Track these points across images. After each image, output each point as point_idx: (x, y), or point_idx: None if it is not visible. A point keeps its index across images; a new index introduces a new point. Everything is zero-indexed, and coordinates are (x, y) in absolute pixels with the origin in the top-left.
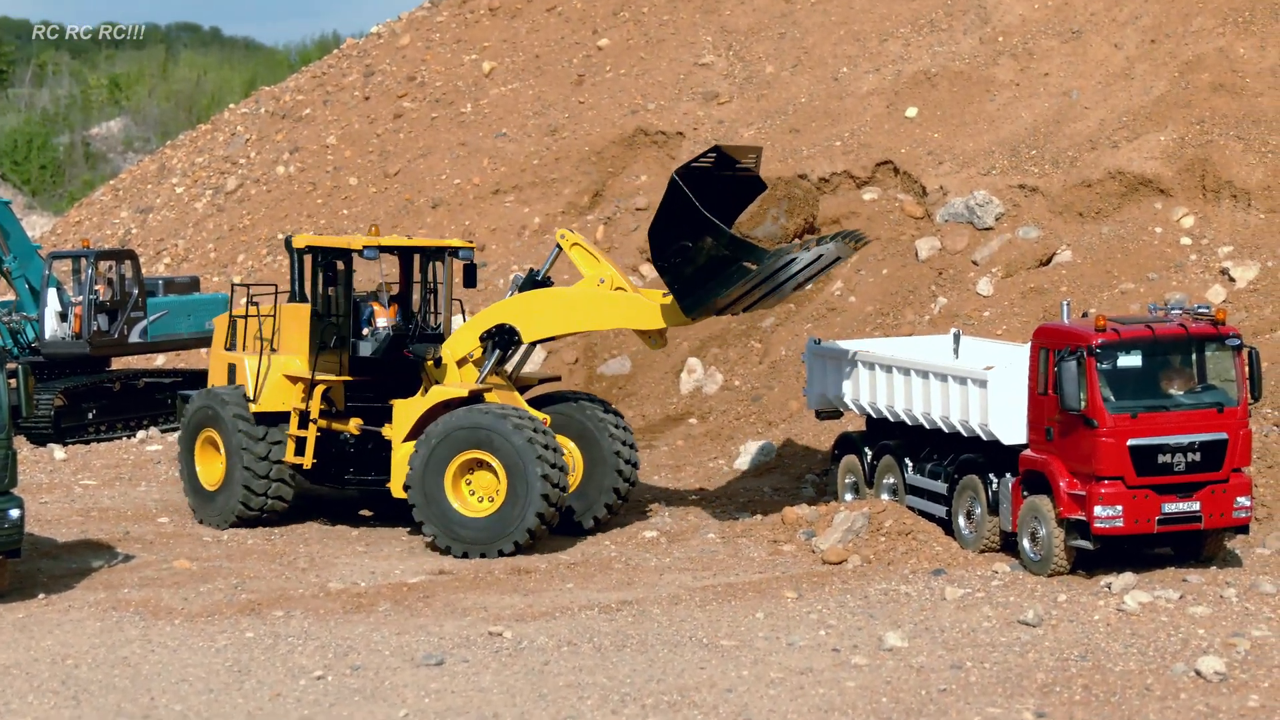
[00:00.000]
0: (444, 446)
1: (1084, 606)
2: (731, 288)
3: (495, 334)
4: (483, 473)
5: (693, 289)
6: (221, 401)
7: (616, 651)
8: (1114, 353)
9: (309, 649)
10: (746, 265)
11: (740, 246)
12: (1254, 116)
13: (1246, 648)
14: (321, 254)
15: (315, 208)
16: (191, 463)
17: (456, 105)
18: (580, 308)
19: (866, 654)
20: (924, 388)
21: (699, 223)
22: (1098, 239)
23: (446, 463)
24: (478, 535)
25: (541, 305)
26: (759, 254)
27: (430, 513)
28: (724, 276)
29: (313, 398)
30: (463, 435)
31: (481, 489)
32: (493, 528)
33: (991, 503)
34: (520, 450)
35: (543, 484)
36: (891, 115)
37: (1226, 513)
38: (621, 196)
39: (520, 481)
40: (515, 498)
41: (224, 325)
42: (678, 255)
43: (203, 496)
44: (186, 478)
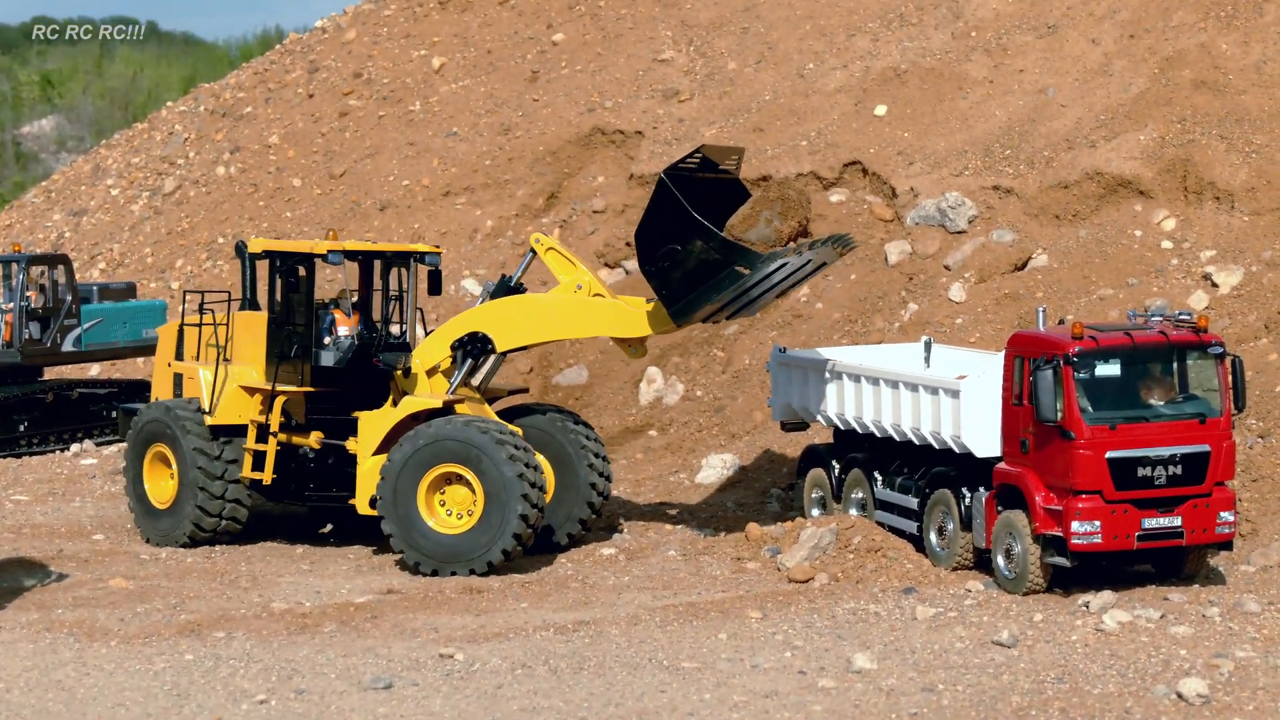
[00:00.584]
0: (418, 460)
1: (1061, 626)
2: (723, 292)
3: (467, 343)
4: (457, 487)
5: (681, 294)
6: (174, 415)
7: (573, 674)
8: (1092, 361)
9: (251, 672)
10: (739, 270)
11: (733, 250)
12: (1237, 115)
13: (1230, 669)
14: (280, 259)
15: (257, 210)
16: (140, 479)
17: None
18: (559, 315)
19: (834, 676)
20: (894, 398)
21: (689, 225)
22: (1075, 243)
23: (420, 477)
24: (450, 552)
25: (517, 313)
26: (752, 258)
27: (400, 528)
28: (716, 281)
29: (273, 410)
30: (439, 449)
31: (456, 504)
32: (466, 545)
33: (964, 518)
34: (501, 467)
35: (522, 504)
36: (860, 114)
37: (1209, 528)
38: (578, 198)
39: (498, 499)
40: (491, 516)
41: (169, 334)
42: (666, 259)
43: (153, 515)
44: (134, 495)
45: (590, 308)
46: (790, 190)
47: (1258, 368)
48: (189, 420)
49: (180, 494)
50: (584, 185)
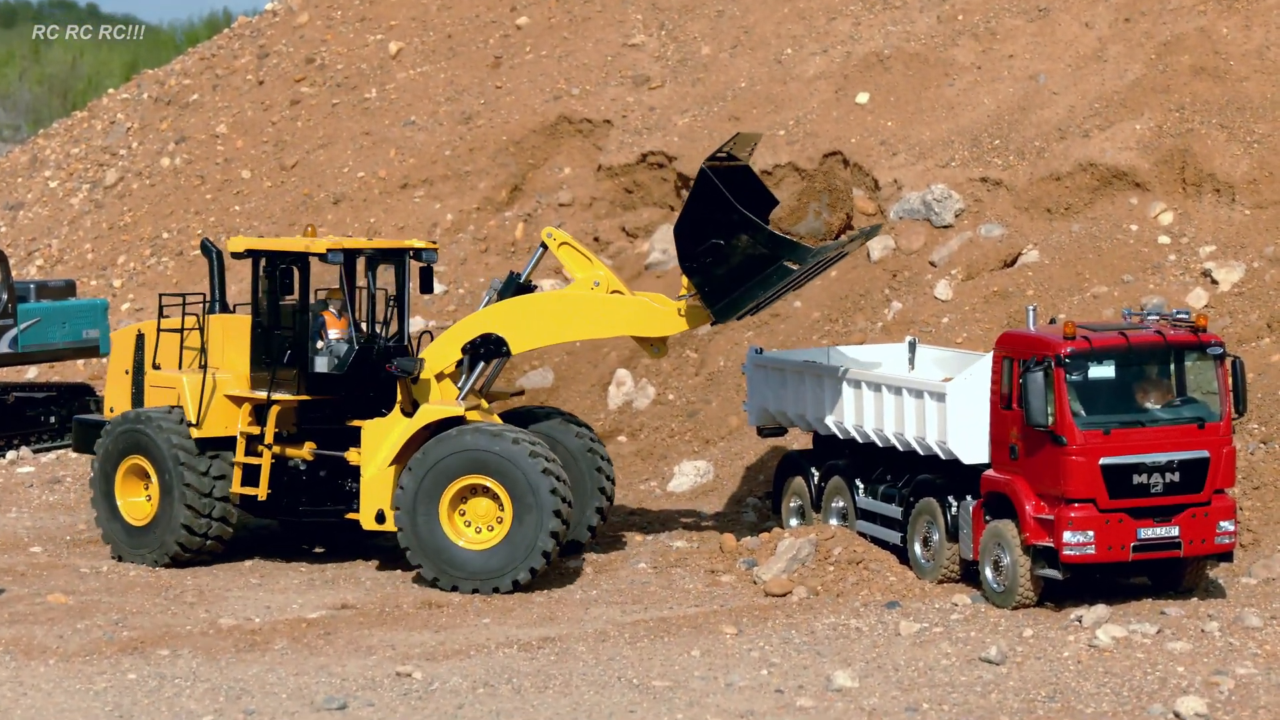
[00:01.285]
0: (438, 473)
1: (1052, 642)
2: (772, 289)
3: (479, 345)
4: (479, 500)
5: (726, 291)
6: (155, 424)
7: (538, 693)
8: (1084, 363)
9: (198, 692)
10: (787, 265)
11: (780, 244)
12: (1239, 103)
13: (1230, 687)
14: (269, 259)
15: (204, 203)
16: (112, 494)
17: (360, 90)
18: (578, 314)
19: (813, 695)
20: (876, 402)
21: (733, 218)
22: (1067, 237)
23: (443, 490)
24: (474, 569)
25: (533, 312)
26: (801, 252)
27: (423, 545)
28: (763, 278)
29: (268, 420)
30: (464, 460)
31: (478, 518)
32: (493, 562)
33: (950, 528)
34: (534, 480)
35: (554, 520)
36: (840, 101)
37: (1208, 538)
38: (543, 191)
39: (529, 506)
40: (521, 531)
41: (127, 339)
42: (708, 255)
43: (128, 533)
44: (105, 512)
45: (613, 305)
46: (836, 180)
47: (1259, 369)
48: (172, 430)
49: (162, 510)
50: (550, 177)
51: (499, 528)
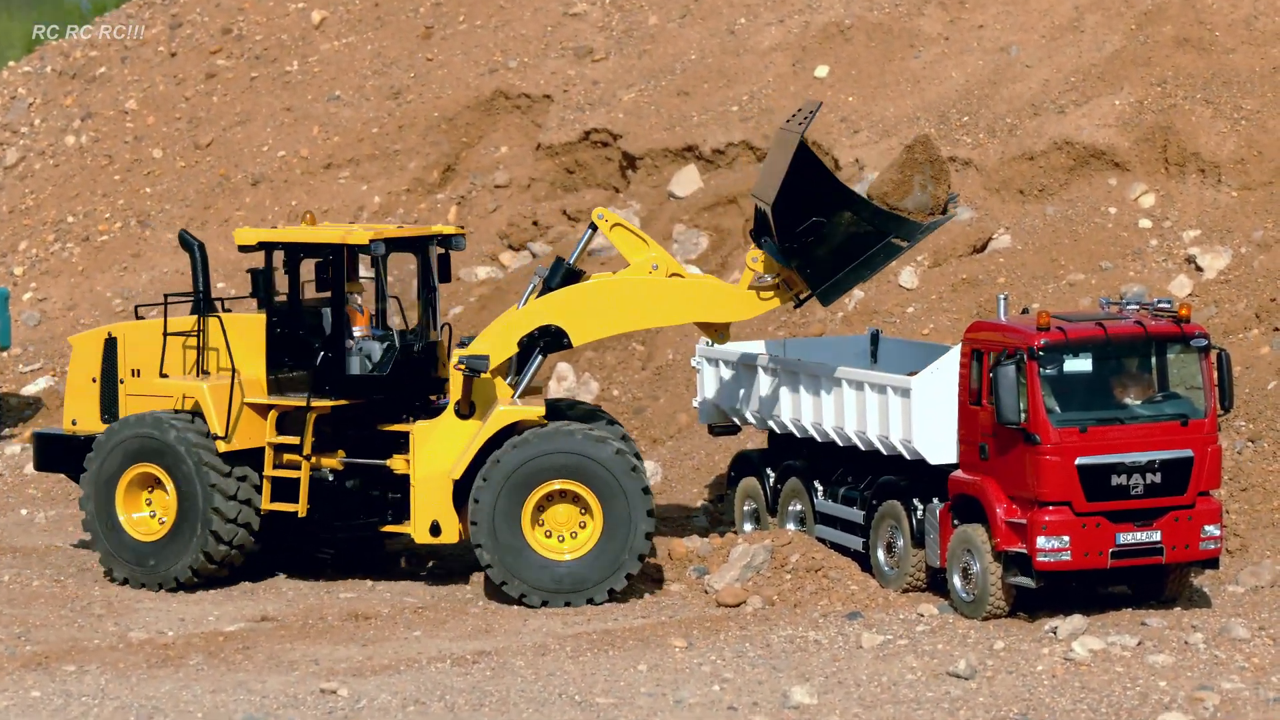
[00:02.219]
0: (519, 480)
1: (1025, 655)
2: (878, 268)
3: (538, 338)
4: (558, 507)
5: (829, 272)
6: (168, 427)
7: (472, 711)
8: (1059, 356)
9: (106, 711)
10: (895, 242)
11: (888, 220)
12: (1224, 76)
13: (1216, 703)
14: (292, 251)
15: (112, 185)
16: (113, 511)
17: (280, 63)
18: (645, 301)
19: (768, 712)
20: (836, 398)
21: (836, 194)
22: (1041, 221)
23: (524, 497)
24: (565, 581)
25: (595, 301)
26: (910, 228)
27: (506, 560)
28: (868, 257)
29: (306, 429)
30: (543, 464)
31: (558, 526)
32: (585, 571)
33: (916, 533)
34: (618, 474)
35: (647, 521)
36: (798, 75)
37: (1192, 544)
38: (478, 171)
39: (620, 509)
40: (613, 537)
41: (91, 344)
42: (809, 234)
43: (135, 552)
44: (105, 529)
45: (682, 290)
46: (933, 150)
47: (1247, 362)
48: (190, 432)
49: (180, 522)
50: (485, 156)
51: (583, 534)
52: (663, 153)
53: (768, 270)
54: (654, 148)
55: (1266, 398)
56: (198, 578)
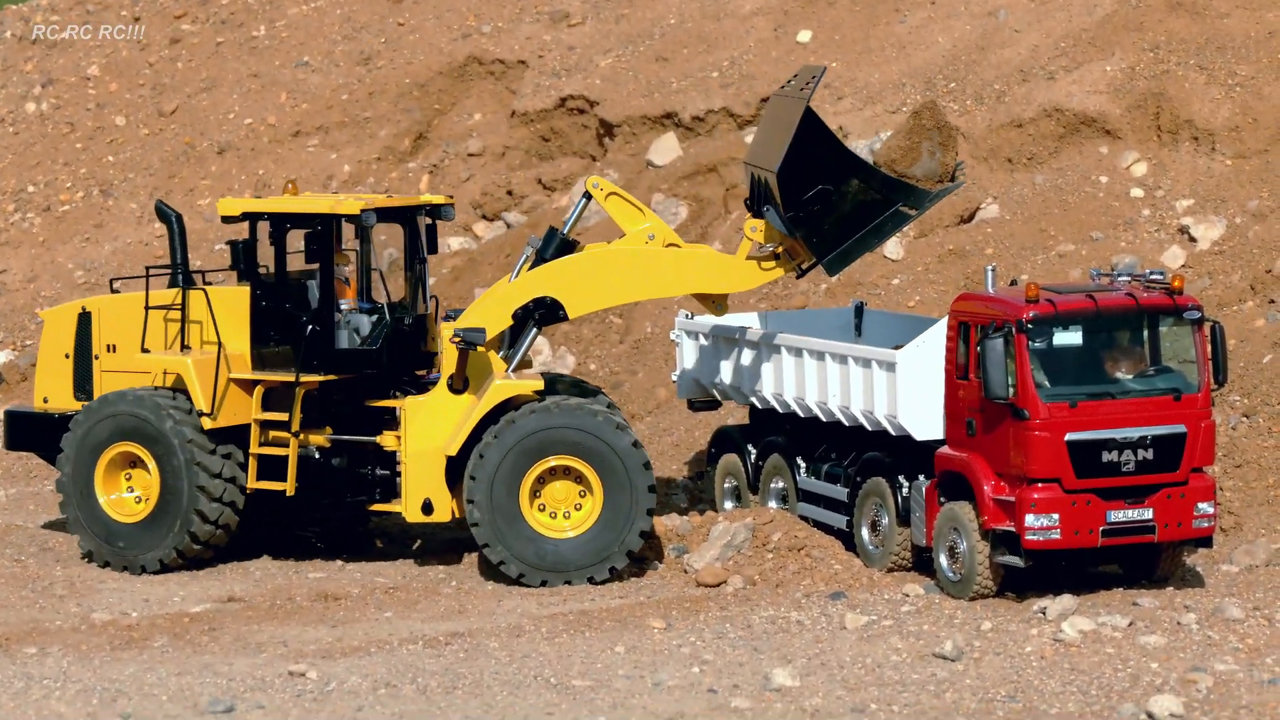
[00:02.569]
0: (517, 456)
1: (1013, 636)
2: (886, 237)
3: (533, 309)
4: (556, 484)
5: (836, 241)
6: (152, 404)
7: (445, 694)
8: (1048, 328)
9: (69, 693)
10: (904, 210)
11: (896, 188)
12: (1219, 41)
13: (1209, 685)
14: (278, 222)
15: (74, 154)
16: (93, 491)
17: (247, 28)
18: (645, 271)
19: (750, 695)
20: (819, 372)
21: (843, 161)
22: (1030, 190)
23: (523, 474)
24: (565, 559)
25: (592, 271)
26: (919, 195)
27: (505, 539)
28: (877, 225)
29: (294, 405)
30: (542, 440)
31: (556, 503)
32: (586, 549)
33: (901, 511)
34: (619, 449)
35: (648, 497)
36: (780, 40)
37: (1185, 522)
38: (450, 139)
39: (621, 485)
40: (617, 505)
41: (64, 319)
42: (816, 202)
43: (116, 533)
44: (84, 511)
45: (680, 261)
46: (941, 117)
47: (1242, 335)
48: (174, 409)
49: (164, 501)
50: (458, 124)
51: (582, 512)
52: (641, 120)
53: (768, 240)
54: (632, 115)
55: (1261, 371)
56: (182, 558)
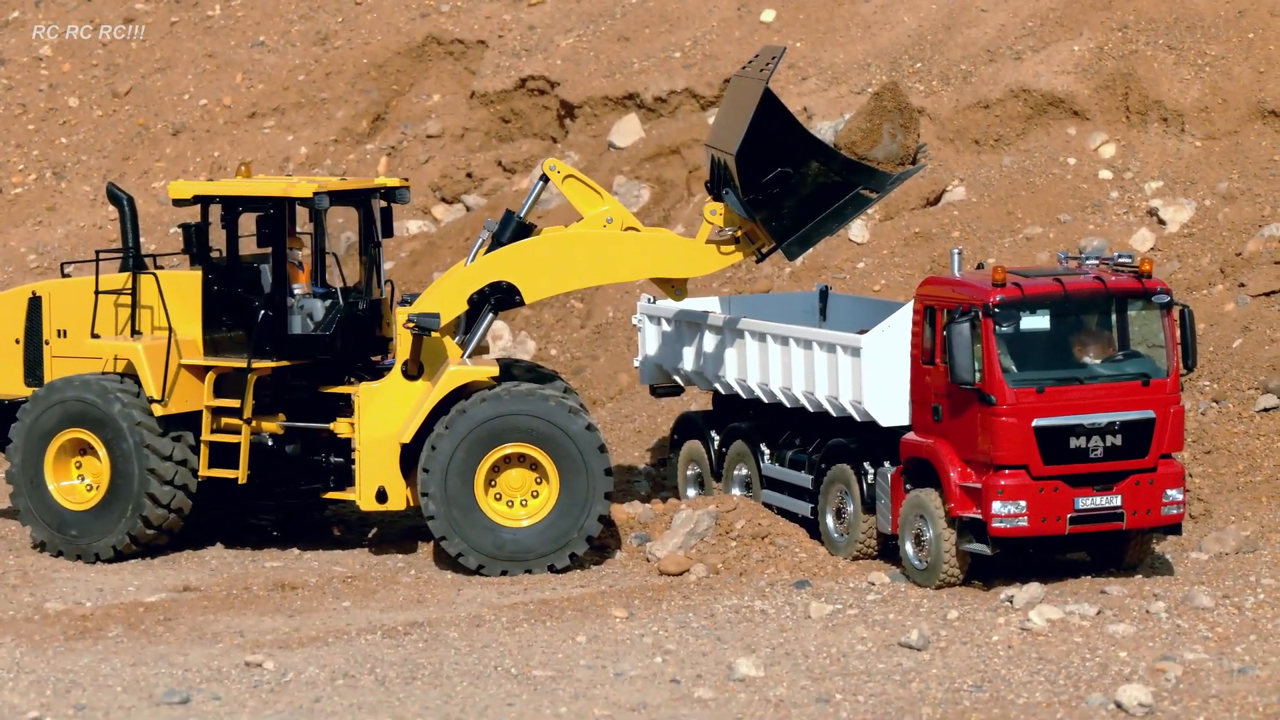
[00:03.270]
0: (471, 444)
1: (980, 625)
2: (847, 220)
3: (490, 294)
4: (511, 472)
5: (796, 224)
6: (100, 389)
7: (404, 685)
8: (1016, 313)
9: (22, 684)
10: (865, 193)
11: (857, 170)
12: (1188, 21)
13: (1178, 674)
14: (237, 206)
15: (25, 135)
16: (43, 479)
17: (202, 7)
18: (602, 255)
19: (713, 685)
20: (783, 357)
21: (803, 143)
22: (997, 172)
23: (477, 462)
24: (522, 547)
25: (549, 256)
26: (880, 178)
27: (461, 529)
28: (838, 208)
29: (246, 391)
30: (496, 427)
31: (512, 491)
32: (552, 532)
33: (866, 498)
34: (574, 434)
35: (605, 480)
36: (743, 20)
37: (1154, 509)
38: (409, 121)
39: (578, 471)
40: (573, 491)
41: (13, 303)
42: (775, 185)
43: (66, 521)
44: (34, 499)
45: (638, 244)
46: (903, 100)
47: (1211, 319)
48: (122, 393)
49: (115, 486)
50: (416, 105)
51: (539, 499)
52: (602, 101)
53: (728, 223)
54: (593, 96)
55: (1231, 356)
56: (136, 544)
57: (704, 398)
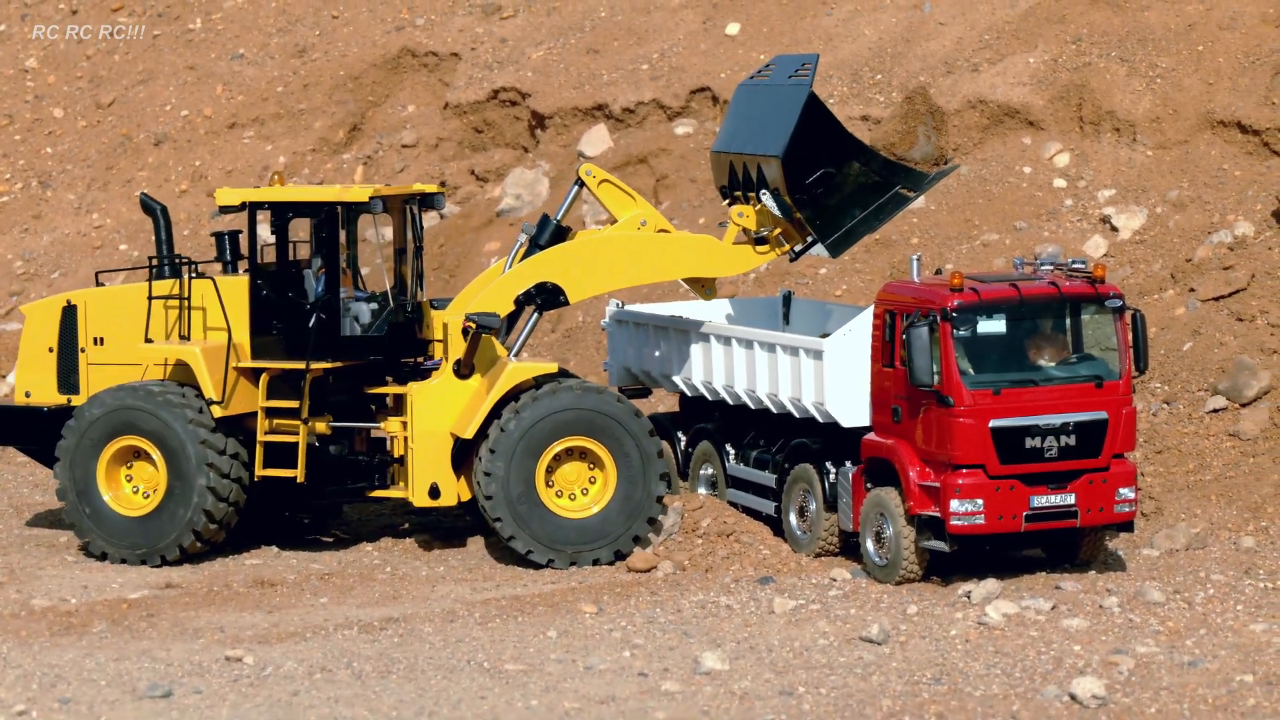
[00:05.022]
0: (532, 439)
1: (938, 620)
2: (886, 218)
3: (535, 295)
4: (566, 464)
5: (839, 223)
6: (159, 399)
7: (380, 679)
8: (973, 317)
9: (9, 679)
10: (903, 192)
11: (896, 171)
12: (1140, 34)
13: (1130, 667)
14: (284, 211)
15: (12, 145)
16: (94, 485)
17: (183, 20)
18: (641, 256)
19: (679, 679)
20: (748, 360)
21: (844, 144)
22: (955, 181)
23: (537, 458)
24: (590, 536)
25: (590, 257)
26: (917, 178)
27: (523, 521)
28: (878, 206)
29: (304, 392)
30: (558, 422)
31: (568, 484)
32: (610, 524)
33: (828, 497)
34: (635, 432)
35: (661, 462)
36: (709, 33)
37: (1107, 507)
38: (385, 131)
39: (635, 467)
40: (632, 486)
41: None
42: (819, 185)
43: (120, 526)
44: (85, 505)
45: (674, 245)
46: (934, 102)
47: (1162, 323)
48: (173, 395)
49: (172, 488)
50: (392, 115)
51: (594, 491)
52: (572, 111)
53: (760, 224)
54: (563, 106)
55: (1182, 359)
56: (200, 541)
57: (671, 400)
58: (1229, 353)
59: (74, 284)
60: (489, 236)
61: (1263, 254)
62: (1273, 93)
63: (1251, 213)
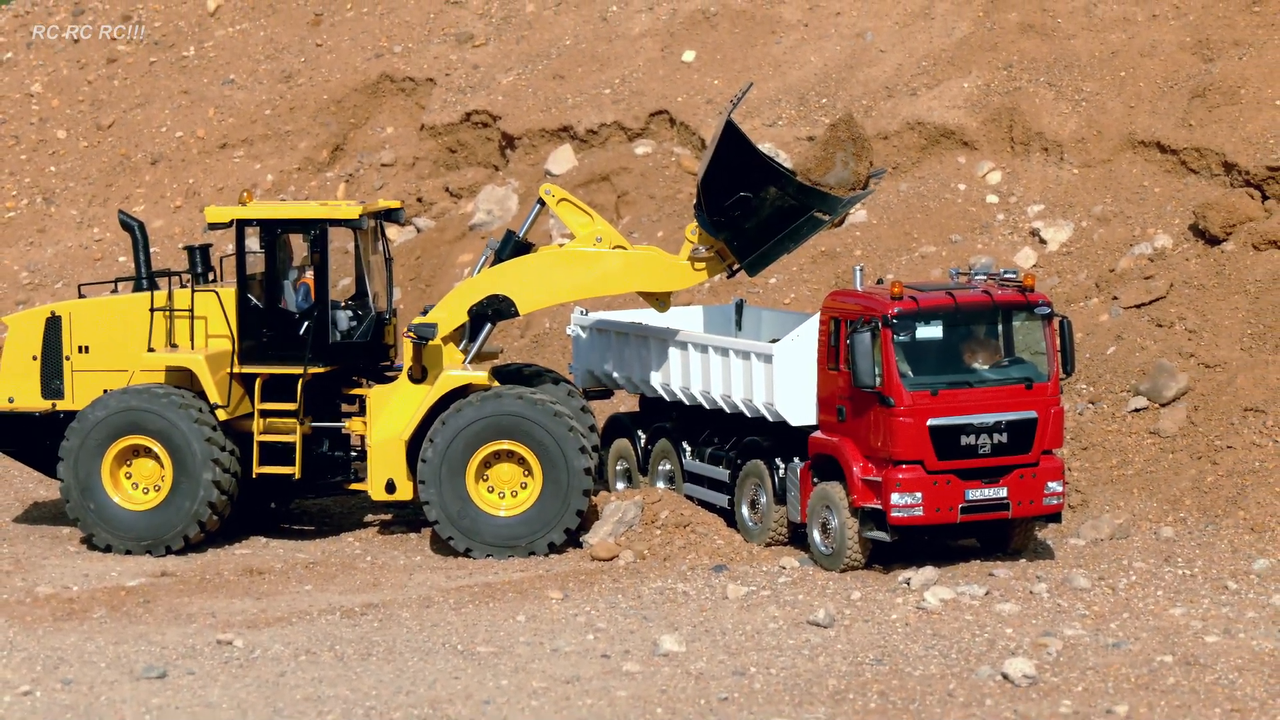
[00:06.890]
0: (463, 441)
1: (880, 605)
2: (803, 240)
3: (488, 306)
4: (501, 465)
5: (755, 244)
6: (163, 400)
7: (361, 660)
8: (911, 323)
9: (14, 661)
10: (818, 215)
11: (810, 195)
12: (1066, 60)
13: (1058, 648)
14: (274, 228)
15: (18, 164)
16: (99, 482)
17: (178, 48)
18: (590, 271)
19: (640, 660)
20: (703, 363)
21: (760, 170)
22: (895, 197)
23: (467, 459)
24: (514, 534)
25: (541, 271)
26: (831, 202)
27: (452, 516)
28: (794, 229)
29: (299, 394)
30: (486, 426)
31: (502, 483)
32: (532, 522)
33: (778, 491)
34: (556, 435)
35: (583, 459)
36: (667, 59)
37: (1036, 500)
38: (365, 151)
39: (559, 468)
40: (555, 485)
41: (31, 323)
42: (736, 208)
43: (119, 519)
44: (91, 502)
45: (624, 261)
46: (857, 128)
47: (1088, 329)
48: (176, 397)
49: (178, 483)
50: (371, 137)
51: (524, 492)
52: (540, 133)
53: (703, 242)
54: (531, 128)
55: (1106, 362)
56: (204, 531)
57: (632, 400)
58: (1149, 356)
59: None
60: (462, 249)
61: (1180, 265)
62: (1190, 115)
63: (1170, 226)
